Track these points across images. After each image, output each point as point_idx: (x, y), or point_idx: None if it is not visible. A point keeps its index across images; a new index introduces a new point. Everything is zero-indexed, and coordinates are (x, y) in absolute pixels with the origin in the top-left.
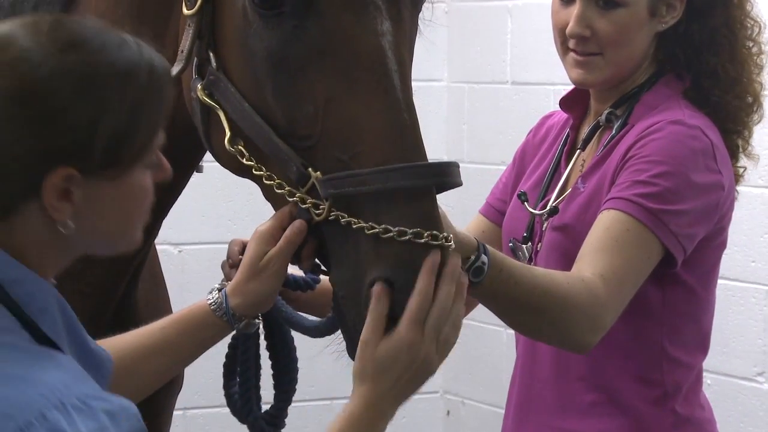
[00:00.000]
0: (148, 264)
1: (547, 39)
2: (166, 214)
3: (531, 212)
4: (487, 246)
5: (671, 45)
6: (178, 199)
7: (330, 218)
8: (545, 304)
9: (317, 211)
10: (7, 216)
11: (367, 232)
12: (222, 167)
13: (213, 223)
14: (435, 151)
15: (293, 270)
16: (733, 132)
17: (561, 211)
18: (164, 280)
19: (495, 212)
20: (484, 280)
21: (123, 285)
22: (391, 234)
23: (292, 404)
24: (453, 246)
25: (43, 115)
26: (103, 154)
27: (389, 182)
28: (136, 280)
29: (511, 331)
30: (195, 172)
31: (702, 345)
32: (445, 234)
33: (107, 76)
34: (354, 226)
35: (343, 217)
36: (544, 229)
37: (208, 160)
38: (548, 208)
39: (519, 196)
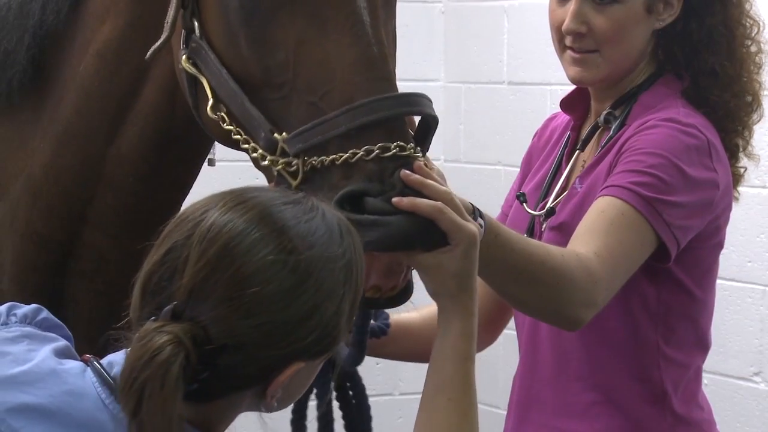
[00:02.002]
0: None
1: (544, 39)
2: (178, 211)
3: (529, 213)
4: (483, 211)
5: (669, 44)
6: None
7: (306, 171)
8: (540, 273)
9: (291, 169)
10: (213, 400)
11: (336, 163)
12: (227, 166)
13: None
14: (432, 150)
15: None
16: (732, 131)
17: (558, 212)
18: None
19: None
20: (481, 243)
21: None
22: (360, 155)
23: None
24: (421, 156)
25: (295, 318)
26: (332, 343)
27: (356, 120)
28: None
29: (509, 332)
30: (208, 166)
31: (700, 344)
32: (412, 145)
33: (345, 269)
34: (325, 164)
35: (314, 163)
36: (543, 229)
37: (220, 159)
38: (546, 208)
39: (518, 197)
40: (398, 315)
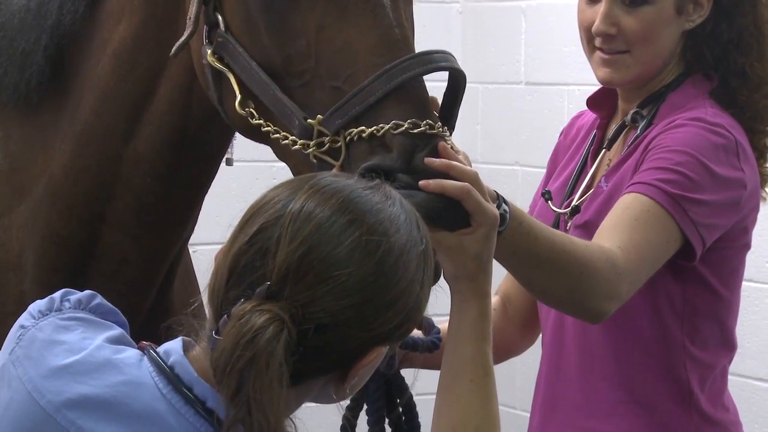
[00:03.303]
0: (183, 263)
1: (561, 39)
2: (198, 211)
3: (555, 211)
4: (506, 198)
5: (699, 44)
6: None
7: (347, 144)
8: (563, 263)
9: (323, 149)
10: (291, 386)
11: (363, 137)
12: (237, 167)
13: (227, 224)
14: None
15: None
16: (761, 132)
17: (583, 210)
18: (197, 280)
19: None
20: (505, 230)
21: (157, 284)
22: (387, 128)
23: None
24: (448, 135)
25: (387, 299)
26: (411, 329)
27: (393, 80)
28: (171, 280)
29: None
30: (226, 166)
31: (726, 345)
32: (440, 124)
33: (423, 254)
34: (353, 138)
35: (351, 136)
36: (568, 227)
37: (238, 159)
38: (571, 207)
39: (543, 194)
40: (445, 325)
